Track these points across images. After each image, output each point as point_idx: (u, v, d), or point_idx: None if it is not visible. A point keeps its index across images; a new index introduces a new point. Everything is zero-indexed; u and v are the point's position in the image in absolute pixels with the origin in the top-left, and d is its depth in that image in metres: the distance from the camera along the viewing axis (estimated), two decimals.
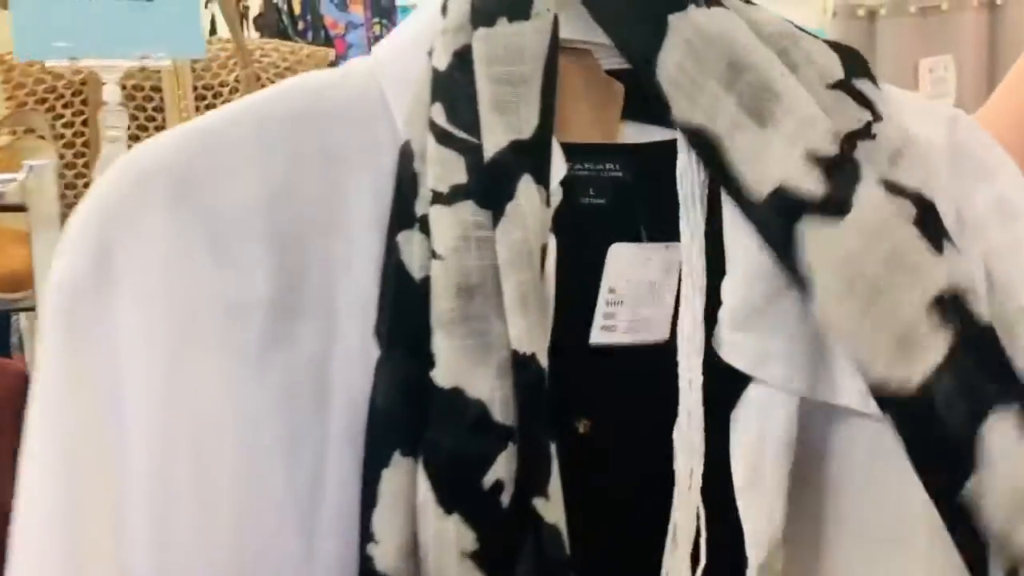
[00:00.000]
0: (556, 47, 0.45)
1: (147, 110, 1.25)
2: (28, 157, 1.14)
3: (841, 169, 0.44)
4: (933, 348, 0.42)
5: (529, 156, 0.44)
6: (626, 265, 0.47)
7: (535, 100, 0.44)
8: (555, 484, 0.42)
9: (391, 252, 0.44)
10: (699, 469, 0.45)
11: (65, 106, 1.23)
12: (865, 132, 0.46)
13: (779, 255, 0.43)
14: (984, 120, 0.66)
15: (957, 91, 3.19)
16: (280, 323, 0.44)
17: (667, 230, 0.47)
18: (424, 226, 0.44)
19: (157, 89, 1.26)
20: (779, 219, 0.43)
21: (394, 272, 0.44)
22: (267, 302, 0.43)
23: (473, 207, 0.43)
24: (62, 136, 1.22)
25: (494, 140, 0.43)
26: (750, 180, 0.44)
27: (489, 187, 0.43)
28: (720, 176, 0.45)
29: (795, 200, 0.43)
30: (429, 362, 0.42)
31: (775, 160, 0.44)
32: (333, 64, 1.45)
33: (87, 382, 0.43)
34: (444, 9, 0.47)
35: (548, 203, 0.44)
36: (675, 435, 0.46)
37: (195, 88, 1.27)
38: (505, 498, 0.41)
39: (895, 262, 0.43)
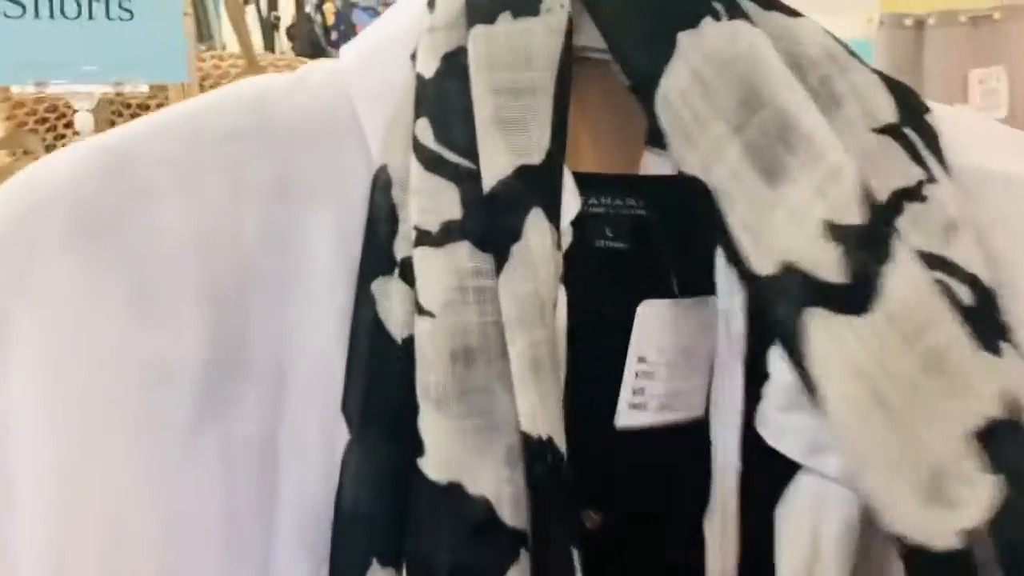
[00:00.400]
0: (570, 50, 0.37)
1: None
2: None
3: (868, 244, 0.35)
4: (974, 499, 0.33)
5: (539, 185, 0.36)
6: (659, 327, 0.38)
7: (547, 116, 0.36)
8: None
9: (363, 305, 0.36)
10: (733, 570, 0.37)
11: (67, 125, 1.17)
12: (916, 192, 0.37)
13: (786, 349, 0.34)
14: None
15: (1009, 103, 3.09)
16: (215, 395, 0.35)
17: (700, 282, 0.38)
18: (406, 272, 0.36)
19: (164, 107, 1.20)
20: (785, 307, 0.34)
21: (368, 331, 0.36)
22: (199, 368, 0.35)
23: (470, 249, 0.35)
24: None
25: (496, 165, 0.35)
26: (750, 251, 0.35)
27: (490, 224, 0.35)
28: (720, 239, 0.36)
29: (804, 285, 0.34)
30: (416, 448, 0.34)
31: (783, 230, 0.35)
32: None
33: None
34: (431, 3, 0.39)
35: (559, 246, 0.36)
36: (706, 530, 0.37)
37: None
38: None
39: (931, 373, 0.33)
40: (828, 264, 0.34)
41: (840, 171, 0.35)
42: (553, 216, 0.35)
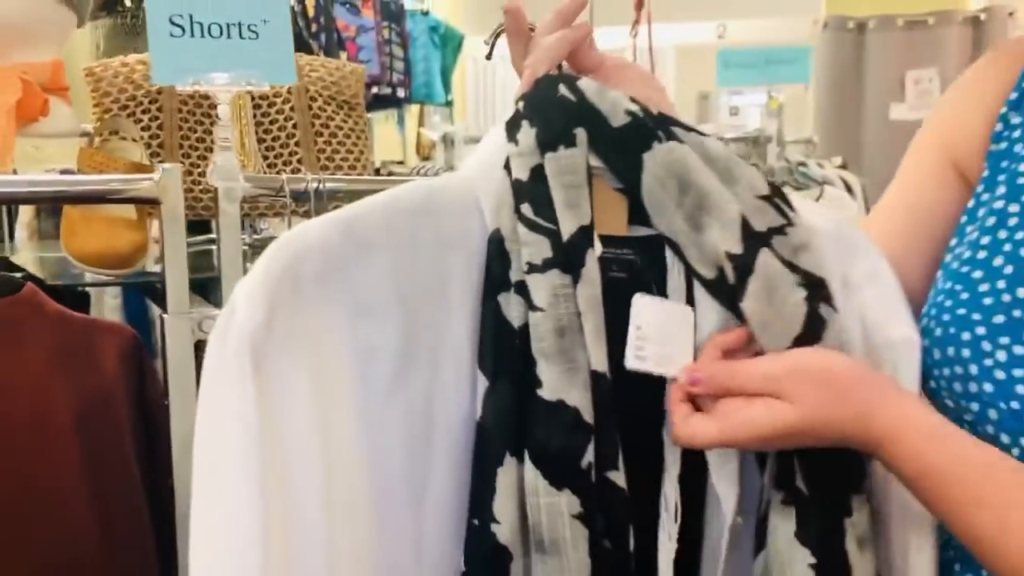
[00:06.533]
0: (589, 166, 0.65)
1: (212, 117, 1.39)
2: (121, 156, 1.26)
3: (744, 261, 0.63)
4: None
5: (588, 238, 0.63)
6: (647, 310, 0.65)
7: (586, 200, 0.64)
8: (620, 460, 0.61)
9: (491, 309, 0.62)
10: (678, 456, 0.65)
11: (143, 112, 1.31)
12: (779, 230, 0.66)
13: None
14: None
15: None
16: (403, 368, 0.61)
17: (663, 293, 0.66)
18: (520, 289, 0.62)
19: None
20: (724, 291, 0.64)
21: (495, 323, 0.62)
22: (395, 350, 0.61)
23: (559, 273, 0.62)
24: (140, 138, 1.34)
25: (568, 226, 0.62)
26: (697, 267, 0.64)
27: (568, 259, 0.62)
28: (684, 264, 0.65)
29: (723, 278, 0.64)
30: (535, 383, 0.60)
31: (707, 256, 0.64)
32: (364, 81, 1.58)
33: (274, 430, 0.56)
34: (513, 137, 0.65)
35: None
36: (664, 434, 0.65)
37: (253, 98, 1.38)
38: (593, 474, 0.60)
39: (778, 297, 0.63)
40: (727, 271, 0.63)
41: (733, 224, 0.63)
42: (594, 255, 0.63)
